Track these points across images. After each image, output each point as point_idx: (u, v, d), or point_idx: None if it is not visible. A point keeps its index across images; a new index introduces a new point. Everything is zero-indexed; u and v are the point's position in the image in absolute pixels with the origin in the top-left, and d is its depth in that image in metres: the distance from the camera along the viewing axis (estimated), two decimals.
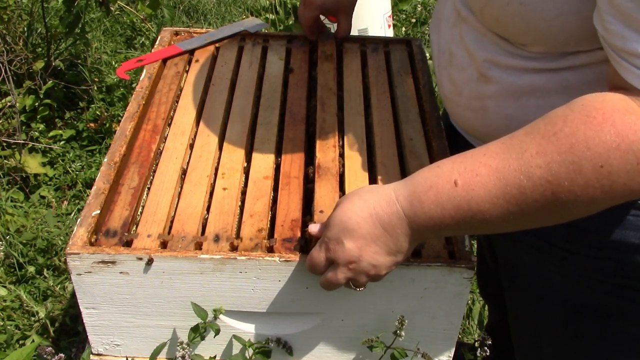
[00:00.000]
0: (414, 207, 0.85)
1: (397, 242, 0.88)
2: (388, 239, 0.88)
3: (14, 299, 2.12)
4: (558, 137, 0.77)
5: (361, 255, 0.89)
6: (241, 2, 3.96)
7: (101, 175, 1.12)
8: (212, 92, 1.37)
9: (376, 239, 0.88)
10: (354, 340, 1.08)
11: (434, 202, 0.84)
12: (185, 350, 1.03)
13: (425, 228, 0.86)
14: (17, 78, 2.74)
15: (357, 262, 0.90)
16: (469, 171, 0.82)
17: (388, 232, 0.87)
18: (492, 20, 0.94)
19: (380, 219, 0.87)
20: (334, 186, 1.11)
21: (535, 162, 0.77)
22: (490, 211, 0.81)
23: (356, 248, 0.89)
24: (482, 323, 2.14)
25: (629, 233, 0.95)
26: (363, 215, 0.88)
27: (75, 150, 2.75)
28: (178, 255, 1.00)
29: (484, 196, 0.81)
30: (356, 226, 0.88)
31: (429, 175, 0.86)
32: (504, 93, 0.98)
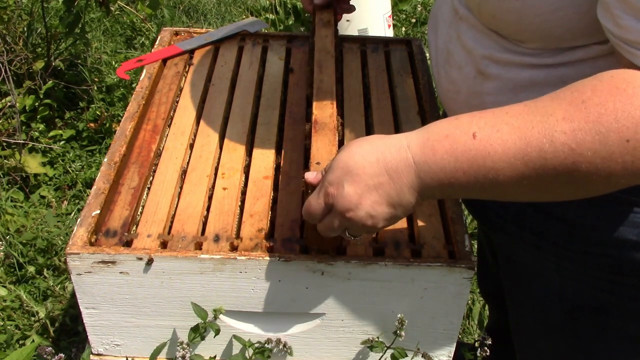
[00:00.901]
0: (425, 155, 0.81)
1: (400, 193, 0.83)
2: (391, 187, 0.83)
3: (14, 299, 2.12)
4: (586, 106, 0.74)
5: (360, 203, 0.84)
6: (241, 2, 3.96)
7: (101, 175, 1.12)
8: (212, 92, 1.37)
9: (379, 186, 0.83)
10: (354, 340, 1.08)
11: (448, 152, 0.79)
12: (185, 350, 1.03)
13: (433, 181, 0.81)
14: (17, 78, 2.74)
15: (354, 210, 0.85)
16: (490, 126, 0.78)
17: (393, 180, 0.82)
18: (489, 16, 0.94)
19: (387, 165, 0.82)
20: (332, 140, 1.07)
21: (561, 127, 0.74)
22: (504, 171, 0.77)
23: (356, 194, 0.84)
24: (482, 323, 2.14)
25: (626, 230, 0.95)
26: (370, 159, 0.83)
27: (75, 150, 2.75)
28: (178, 255, 1.00)
29: (502, 154, 0.77)
30: (360, 170, 0.83)
31: (445, 125, 0.82)
32: (502, 89, 0.98)
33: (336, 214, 0.87)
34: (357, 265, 1.00)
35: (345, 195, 0.84)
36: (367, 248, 1.04)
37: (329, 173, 0.87)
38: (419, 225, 1.08)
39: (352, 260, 1.00)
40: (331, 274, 1.01)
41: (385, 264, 0.99)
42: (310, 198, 0.90)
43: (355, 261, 1.00)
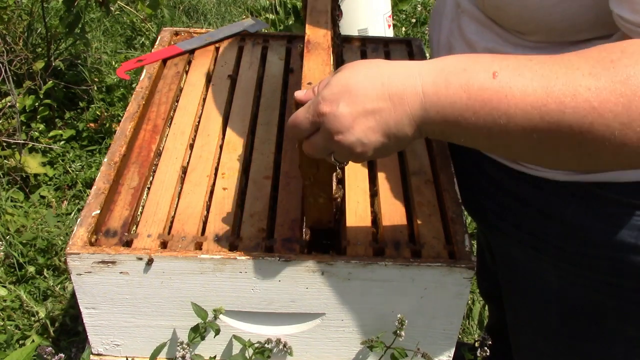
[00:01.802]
0: (437, 86, 0.74)
1: (399, 123, 0.76)
2: (391, 115, 0.76)
3: (14, 299, 2.12)
4: (615, 65, 0.69)
5: (352, 126, 0.77)
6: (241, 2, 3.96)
7: (101, 175, 1.12)
8: (212, 92, 1.37)
9: (377, 112, 0.76)
10: (354, 340, 1.08)
11: (463, 87, 0.73)
12: (185, 350, 1.03)
13: (438, 115, 0.75)
14: (17, 78, 2.74)
15: (344, 133, 0.78)
16: (512, 69, 0.72)
17: (394, 107, 0.76)
18: (493, 8, 0.93)
19: (392, 90, 0.76)
20: (325, 59, 1.00)
21: (586, 83, 0.69)
22: (517, 119, 0.71)
23: (350, 117, 0.77)
24: (482, 323, 2.14)
25: (624, 232, 0.95)
26: (374, 81, 0.76)
27: (75, 150, 2.75)
28: (178, 255, 1.00)
29: (519, 100, 0.71)
30: (361, 91, 0.76)
31: (464, 59, 0.76)
32: None
33: (324, 134, 0.80)
34: (357, 265, 1.00)
35: (339, 116, 0.77)
36: (367, 248, 1.04)
37: (325, 88, 0.79)
38: (419, 225, 1.08)
39: (352, 260, 1.00)
40: (331, 274, 1.01)
41: (385, 264, 0.99)
42: (298, 111, 0.82)
43: (355, 261, 1.00)
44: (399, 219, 1.09)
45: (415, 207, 1.11)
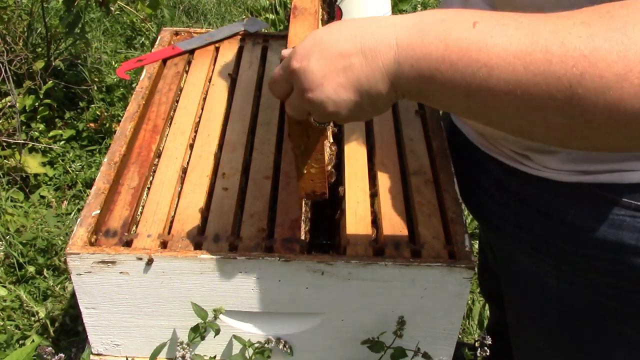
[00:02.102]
0: (411, 38, 0.69)
1: (371, 78, 0.72)
2: (362, 70, 0.71)
3: (14, 299, 2.12)
4: (611, 15, 0.62)
5: (322, 84, 0.73)
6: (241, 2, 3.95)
7: (101, 175, 1.12)
8: (212, 92, 1.37)
9: (348, 68, 0.72)
10: (354, 340, 1.08)
11: (439, 37, 0.67)
12: (185, 350, 1.03)
13: (412, 70, 0.69)
14: (17, 78, 2.74)
15: (314, 91, 0.74)
16: (495, 20, 0.66)
17: (367, 61, 0.71)
18: (506, 2, 0.91)
19: (365, 43, 0.71)
20: (312, 24, 0.97)
21: (577, 31, 0.62)
22: (499, 71, 0.64)
23: (320, 73, 0.73)
24: (482, 323, 2.14)
25: (625, 234, 0.95)
26: (346, 35, 0.72)
27: (75, 150, 2.75)
28: (178, 255, 1.00)
29: (501, 49, 0.64)
30: (332, 45, 0.72)
31: (444, 11, 0.70)
32: None
33: (297, 92, 0.76)
34: (357, 265, 1.00)
35: (309, 72, 0.73)
36: (367, 248, 1.04)
37: (299, 45, 0.76)
38: (419, 225, 1.08)
39: (352, 260, 1.00)
40: (331, 274, 1.01)
41: (385, 264, 0.99)
42: (275, 69, 0.79)
43: (355, 261, 0.99)
44: (399, 219, 1.09)
45: (415, 207, 1.11)
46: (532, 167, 1.00)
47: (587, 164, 0.94)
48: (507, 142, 1.04)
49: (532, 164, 1.00)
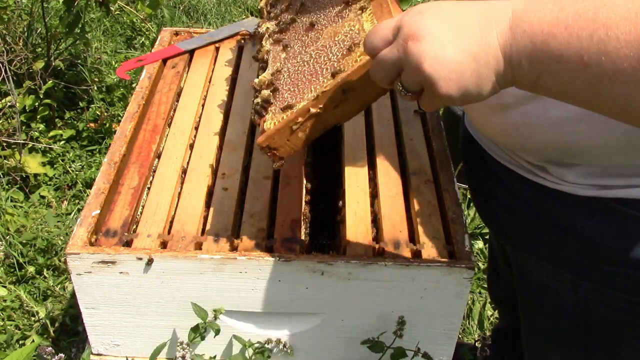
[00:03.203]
0: (527, 4, 0.66)
1: (483, 39, 0.67)
2: (474, 30, 0.67)
3: (14, 299, 2.12)
4: None
5: (431, 33, 0.67)
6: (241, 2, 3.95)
7: (101, 175, 1.12)
8: (212, 92, 1.37)
9: (463, 27, 0.68)
10: (354, 340, 1.08)
11: (555, 1, 0.64)
12: (185, 350, 1.03)
13: (525, 35, 0.65)
14: (17, 78, 2.74)
15: (419, 39, 0.68)
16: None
17: (480, 24, 0.67)
18: None
19: (480, 11, 0.68)
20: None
21: None
22: (619, 30, 0.59)
23: (433, 23, 0.68)
24: (482, 323, 2.14)
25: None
26: (458, 7, 0.70)
27: (75, 150, 2.75)
28: (178, 255, 1.00)
29: (621, 6, 0.60)
30: (449, 7, 0.69)
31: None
32: None
33: (398, 40, 0.70)
34: (357, 265, 1.00)
35: (420, 20, 0.69)
36: (367, 248, 1.04)
37: (405, 20, 0.71)
38: (419, 225, 1.08)
39: (352, 260, 1.00)
40: (331, 274, 1.00)
41: (385, 264, 0.99)
42: (383, 21, 0.75)
43: (355, 261, 0.99)
44: (399, 219, 1.09)
45: (415, 207, 1.11)
46: (550, 180, 0.98)
47: (606, 178, 0.92)
48: (524, 154, 1.01)
49: (549, 176, 0.99)
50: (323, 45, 0.98)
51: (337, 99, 0.88)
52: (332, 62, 0.93)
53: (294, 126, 0.91)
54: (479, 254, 2.29)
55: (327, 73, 0.92)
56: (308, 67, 0.97)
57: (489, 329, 2.11)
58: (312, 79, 0.94)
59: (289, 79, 0.99)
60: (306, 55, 1.00)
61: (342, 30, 0.97)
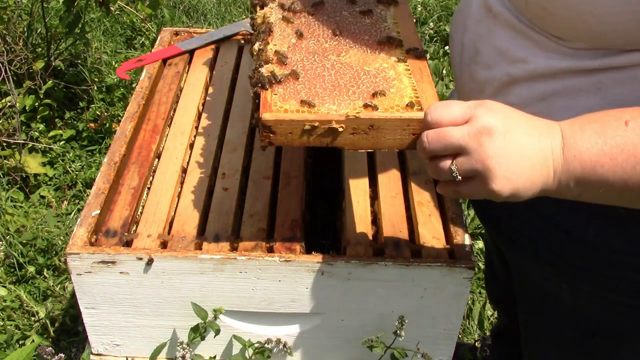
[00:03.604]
0: (573, 131, 0.76)
1: (542, 151, 0.76)
2: (536, 142, 0.76)
3: (14, 299, 2.12)
4: None
5: (503, 133, 0.75)
6: (241, 2, 3.95)
7: (101, 175, 1.12)
8: (212, 92, 1.37)
9: (528, 135, 0.76)
10: (354, 340, 1.08)
11: (598, 132, 0.75)
12: (185, 350, 1.03)
13: (575, 160, 0.75)
14: (17, 78, 2.74)
15: (492, 136, 0.75)
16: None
17: (540, 139, 0.76)
18: (539, 9, 0.89)
19: (535, 122, 0.78)
20: None
21: None
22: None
23: (504, 125, 0.75)
24: (482, 323, 2.14)
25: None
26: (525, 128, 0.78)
27: (75, 150, 2.75)
28: (178, 255, 1.00)
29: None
30: (514, 110, 0.78)
31: (593, 114, 0.78)
32: (533, 94, 0.94)
33: (472, 128, 0.76)
34: (357, 265, 1.00)
35: (495, 118, 0.76)
36: (367, 248, 1.04)
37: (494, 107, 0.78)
38: (419, 225, 1.08)
39: (352, 260, 1.00)
40: (331, 274, 1.01)
41: (385, 264, 0.99)
42: (453, 102, 0.80)
43: (355, 261, 1.00)
44: (399, 219, 1.09)
45: (415, 207, 1.11)
46: None
47: None
48: None
49: None
50: (349, 65, 1.00)
51: (360, 129, 0.89)
52: (361, 91, 0.94)
53: (306, 126, 0.89)
54: (479, 254, 2.29)
55: (353, 97, 0.93)
56: (329, 76, 0.97)
57: (489, 329, 2.11)
58: (334, 91, 0.94)
59: (304, 73, 0.98)
60: (326, 61, 1.00)
61: (372, 65, 1.00)
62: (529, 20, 0.93)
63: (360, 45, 1.04)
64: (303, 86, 0.95)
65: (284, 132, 0.90)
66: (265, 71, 0.97)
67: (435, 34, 3.59)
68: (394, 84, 0.96)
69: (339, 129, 0.89)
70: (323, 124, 0.89)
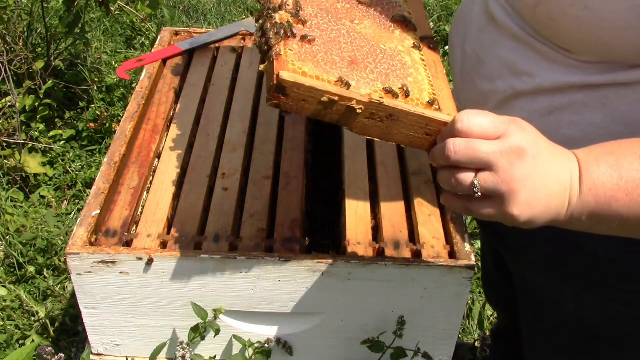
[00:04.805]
0: (588, 164, 0.75)
1: (563, 182, 0.75)
2: (558, 171, 0.75)
3: (14, 299, 2.12)
4: None
5: (534, 157, 0.73)
6: (241, 2, 3.95)
7: (101, 175, 1.12)
8: (212, 92, 1.37)
9: (554, 162, 0.75)
10: (354, 340, 1.08)
11: (613, 166, 0.74)
12: (185, 350, 1.03)
13: (590, 194, 0.74)
14: (17, 78, 2.74)
15: (523, 158, 0.73)
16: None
17: (562, 168, 0.75)
18: (547, 19, 0.87)
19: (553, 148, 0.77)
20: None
21: None
22: None
23: (535, 148, 0.74)
24: (482, 323, 2.14)
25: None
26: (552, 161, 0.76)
27: (75, 150, 2.75)
28: (178, 255, 1.00)
29: None
30: (541, 136, 0.76)
31: (608, 144, 0.77)
32: (537, 108, 0.93)
33: (503, 146, 0.73)
34: (357, 265, 1.00)
35: (528, 140, 0.74)
36: (367, 248, 1.04)
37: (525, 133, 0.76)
38: (419, 225, 1.08)
39: (352, 260, 1.00)
40: (331, 274, 1.01)
41: (385, 264, 0.99)
42: (487, 114, 0.77)
43: (355, 261, 1.00)
44: (399, 219, 1.09)
45: (415, 207, 1.11)
46: None
47: None
48: None
49: None
50: (364, 37, 0.91)
51: (377, 115, 0.82)
52: (380, 72, 0.87)
53: (324, 98, 0.80)
54: (478, 254, 2.29)
55: (372, 76, 0.86)
56: (345, 44, 0.89)
57: (488, 329, 2.11)
58: (352, 64, 0.85)
59: (320, 33, 0.88)
60: (341, 25, 0.91)
61: (387, 44, 0.92)
62: (535, 31, 0.91)
63: (374, 17, 0.96)
64: (319, 48, 0.85)
65: (298, 98, 0.79)
66: (278, 21, 0.85)
67: (436, 33, 3.59)
68: (410, 72, 0.90)
69: (358, 110, 0.80)
70: (343, 100, 0.80)
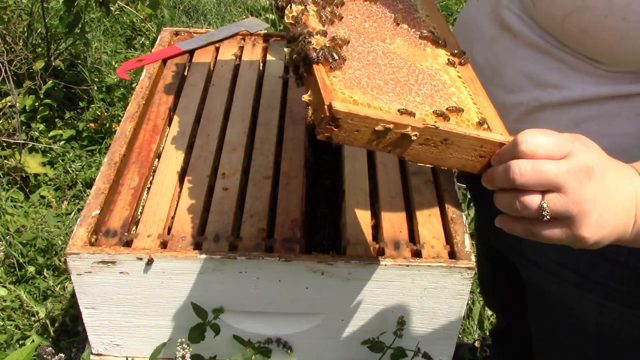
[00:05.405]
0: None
1: (630, 204, 0.72)
2: (626, 193, 0.73)
3: (14, 299, 2.12)
4: None
5: (603, 175, 0.70)
6: (241, 2, 3.95)
7: (101, 175, 1.12)
8: (212, 92, 1.37)
9: (621, 181, 0.73)
10: (354, 340, 1.08)
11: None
12: (185, 350, 1.03)
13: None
14: (17, 78, 2.74)
15: (592, 178, 0.69)
16: None
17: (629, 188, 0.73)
18: (576, 31, 0.84)
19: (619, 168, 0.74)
20: None
21: None
22: None
23: (602, 167, 0.71)
24: (482, 323, 2.14)
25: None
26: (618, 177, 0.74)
27: (75, 150, 2.75)
28: (178, 255, 1.00)
29: None
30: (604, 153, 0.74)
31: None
32: (564, 119, 0.90)
33: (571, 165, 0.70)
34: (357, 265, 1.00)
35: (594, 159, 0.71)
36: (367, 248, 1.04)
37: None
38: (419, 225, 1.08)
39: (352, 260, 1.00)
40: (331, 274, 1.01)
41: (385, 264, 0.99)
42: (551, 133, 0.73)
43: (355, 261, 0.99)
44: (399, 219, 1.09)
45: (415, 207, 1.11)
46: None
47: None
48: None
49: None
50: (400, 57, 0.88)
51: (432, 141, 0.77)
52: (425, 93, 0.84)
53: (379, 127, 0.75)
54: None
55: (418, 99, 0.82)
56: (384, 66, 0.85)
57: (488, 329, 2.11)
58: (396, 87, 0.82)
59: (357, 56, 0.84)
60: (376, 46, 0.88)
61: (423, 62, 0.89)
62: (561, 42, 0.88)
63: (404, 35, 0.92)
64: (361, 73, 0.81)
65: (351, 128, 0.74)
66: (316, 43, 0.79)
67: None
68: (452, 91, 0.86)
69: (413, 137, 0.76)
70: (398, 128, 0.75)
